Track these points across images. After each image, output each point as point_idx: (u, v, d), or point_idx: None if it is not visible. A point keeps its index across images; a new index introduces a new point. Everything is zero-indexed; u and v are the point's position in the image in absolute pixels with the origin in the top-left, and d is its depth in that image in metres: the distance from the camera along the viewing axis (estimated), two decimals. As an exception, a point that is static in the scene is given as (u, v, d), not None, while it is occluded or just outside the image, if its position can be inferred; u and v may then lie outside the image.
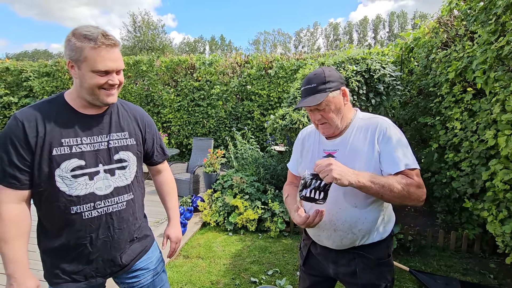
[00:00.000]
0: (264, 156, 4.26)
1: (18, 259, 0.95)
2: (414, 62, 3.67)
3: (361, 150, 1.10)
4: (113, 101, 1.05)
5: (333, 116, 1.13)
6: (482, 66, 2.07)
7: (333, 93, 1.11)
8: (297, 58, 5.82)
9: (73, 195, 1.00)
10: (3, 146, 0.95)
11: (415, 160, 1.08)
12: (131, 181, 1.14)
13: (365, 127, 1.14)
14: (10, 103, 7.64)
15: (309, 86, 1.13)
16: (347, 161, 1.09)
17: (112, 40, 0.97)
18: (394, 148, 1.07)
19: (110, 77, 0.99)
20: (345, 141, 1.15)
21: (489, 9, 2.05)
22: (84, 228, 1.03)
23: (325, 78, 1.11)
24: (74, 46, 0.94)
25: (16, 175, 0.95)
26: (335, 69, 1.17)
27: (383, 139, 1.09)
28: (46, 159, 0.97)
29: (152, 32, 25.40)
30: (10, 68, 7.69)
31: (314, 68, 3.46)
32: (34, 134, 0.96)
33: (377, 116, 1.17)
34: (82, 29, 0.95)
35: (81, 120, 1.04)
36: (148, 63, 6.58)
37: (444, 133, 2.77)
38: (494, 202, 2.08)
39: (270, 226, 3.26)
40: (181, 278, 2.48)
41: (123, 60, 1.31)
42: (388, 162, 1.06)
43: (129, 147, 1.14)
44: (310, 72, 1.16)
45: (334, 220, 1.14)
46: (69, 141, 1.01)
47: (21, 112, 0.98)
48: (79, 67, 0.96)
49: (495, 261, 2.62)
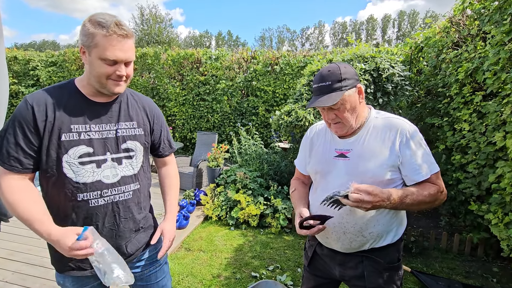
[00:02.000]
0: (268, 152, 4.25)
1: (42, 219, 0.92)
2: (423, 61, 3.62)
3: (377, 152, 1.06)
4: (120, 91, 1.04)
5: (347, 115, 1.07)
6: (494, 67, 2.03)
7: (349, 91, 1.05)
8: (304, 55, 5.78)
9: (80, 182, 1.00)
10: (11, 128, 0.95)
11: (434, 162, 1.06)
12: (137, 171, 1.13)
13: (384, 127, 1.09)
14: (17, 92, 7.72)
15: (323, 84, 1.06)
16: (360, 161, 1.07)
17: (125, 30, 0.96)
18: (418, 154, 1.04)
19: (118, 68, 0.98)
20: (360, 141, 1.11)
21: (504, 9, 2.00)
22: (90, 216, 1.03)
23: (340, 76, 1.04)
24: (88, 31, 0.94)
25: (20, 159, 0.95)
26: (350, 65, 1.12)
27: (406, 143, 1.04)
28: (54, 144, 0.97)
29: (159, 25, 25.38)
30: (18, 57, 7.75)
31: (321, 65, 3.42)
32: (43, 118, 0.96)
33: (397, 118, 1.11)
34: (98, 16, 0.95)
35: (91, 108, 1.04)
36: (154, 56, 6.58)
37: (451, 134, 2.73)
38: (500, 205, 2.05)
39: (271, 222, 3.26)
40: (182, 270, 2.51)
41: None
42: (412, 169, 1.04)
43: (137, 137, 1.13)
44: (323, 67, 1.09)
45: (344, 222, 1.10)
46: (78, 127, 1.00)
47: (32, 95, 0.98)
48: (89, 53, 0.96)
49: (499, 265, 2.60)
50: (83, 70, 1.00)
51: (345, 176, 1.10)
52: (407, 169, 1.05)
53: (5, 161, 0.94)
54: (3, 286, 2.16)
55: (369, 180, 1.05)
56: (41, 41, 62.38)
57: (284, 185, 3.72)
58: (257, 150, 4.22)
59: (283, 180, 3.81)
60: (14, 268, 2.37)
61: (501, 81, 1.99)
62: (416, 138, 1.06)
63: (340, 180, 1.11)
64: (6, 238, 2.78)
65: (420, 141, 1.06)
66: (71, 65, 7.33)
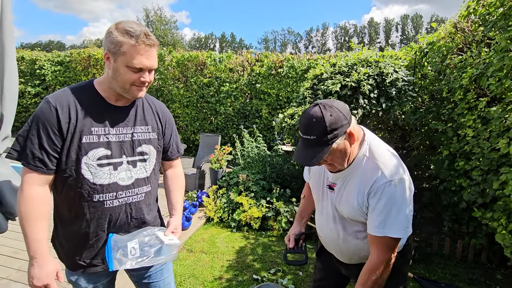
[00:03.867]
0: (271, 155, 4.26)
1: (40, 240, 0.96)
2: (428, 66, 3.62)
3: (351, 197, 1.05)
4: (142, 96, 1.08)
5: (339, 161, 1.02)
6: (498, 73, 2.03)
7: (338, 141, 0.96)
8: (308, 59, 5.79)
9: (97, 184, 1.02)
10: (34, 129, 0.96)
11: (396, 227, 0.98)
12: (149, 174, 1.16)
13: (364, 172, 1.02)
14: (23, 91, 7.81)
15: (308, 138, 0.96)
16: (340, 199, 1.10)
17: (152, 40, 1.00)
18: (381, 210, 0.98)
19: (142, 74, 1.01)
20: (344, 180, 1.09)
21: (509, 15, 2.00)
22: (104, 216, 1.06)
23: (326, 128, 0.93)
24: (116, 39, 0.96)
25: (44, 160, 0.96)
26: (338, 103, 0.98)
27: (374, 196, 0.99)
28: (75, 145, 0.99)
29: (164, 27, 25.60)
30: (25, 57, 7.85)
31: (325, 69, 3.43)
32: (67, 120, 0.97)
33: (383, 162, 1.01)
34: (125, 24, 0.98)
35: (110, 111, 1.06)
36: (159, 57, 6.64)
37: (455, 140, 2.72)
38: (504, 212, 2.04)
39: (273, 225, 3.26)
40: (184, 271, 2.51)
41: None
42: (369, 223, 1.03)
43: (151, 141, 1.16)
44: (307, 110, 0.97)
45: (338, 248, 1.18)
46: (98, 130, 1.03)
47: (54, 96, 1.00)
48: (115, 60, 0.98)
49: (502, 272, 2.58)
50: (88, 71, 1.02)
51: (331, 210, 1.15)
52: (368, 220, 1.04)
53: (30, 162, 0.96)
54: (7, 284, 2.18)
55: (346, 218, 1.10)
56: (46, 41, 63.12)
57: (286, 188, 3.72)
58: (260, 153, 4.23)
59: (286, 183, 3.81)
60: (18, 266, 2.39)
61: (505, 87, 1.99)
62: (389, 193, 0.97)
63: (330, 211, 1.16)
64: (10, 237, 2.80)
65: (394, 199, 0.97)
66: (77, 65, 7.41)
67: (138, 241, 1.05)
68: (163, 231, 1.12)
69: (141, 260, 1.02)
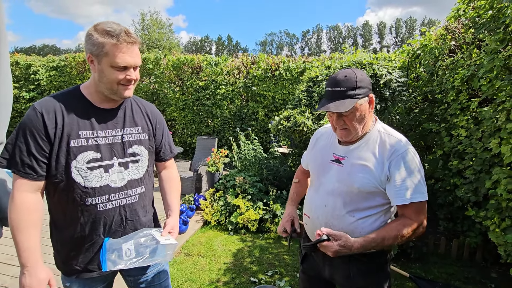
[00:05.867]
0: (267, 157, 4.27)
1: (31, 248, 0.96)
2: (421, 68, 3.67)
3: (369, 166, 1.07)
4: (129, 95, 1.08)
5: (356, 124, 1.07)
6: (488, 74, 2.07)
7: (361, 100, 1.04)
8: (303, 61, 5.83)
9: (88, 187, 1.02)
10: (22, 136, 0.96)
11: (423, 191, 1.04)
12: (143, 175, 1.16)
13: (382, 144, 1.08)
14: (18, 96, 7.74)
15: (337, 89, 1.04)
16: (351, 170, 1.09)
17: (133, 38, 1.00)
18: (405, 178, 1.03)
19: (128, 73, 1.02)
20: (357, 151, 1.11)
21: (498, 18, 2.05)
22: (99, 220, 1.06)
23: (356, 83, 1.03)
24: (96, 41, 0.96)
25: (34, 166, 0.97)
26: (365, 72, 1.12)
27: (396, 165, 1.03)
28: (64, 150, 0.99)
29: (159, 31, 25.60)
30: (19, 62, 7.79)
31: (320, 71, 3.46)
32: (53, 125, 0.98)
33: (398, 138, 1.09)
34: (104, 25, 0.98)
35: (97, 114, 1.06)
36: (155, 61, 6.63)
37: (448, 140, 2.76)
38: (497, 210, 2.07)
39: (271, 227, 3.27)
40: (181, 275, 2.50)
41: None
42: (395, 192, 1.04)
43: (142, 142, 1.17)
44: (339, 71, 1.08)
45: (330, 226, 1.11)
46: (86, 133, 1.03)
47: (40, 103, 1.00)
48: (99, 62, 0.98)
49: (497, 270, 2.60)
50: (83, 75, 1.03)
51: (336, 183, 1.13)
52: (391, 190, 1.05)
53: (20, 169, 0.96)
54: (1, 291, 2.16)
55: (355, 190, 1.08)
56: (41, 45, 62.67)
57: (283, 190, 3.73)
58: (257, 155, 4.24)
59: (282, 185, 3.82)
60: (12, 273, 2.36)
61: (495, 88, 2.03)
62: (409, 162, 1.04)
63: (332, 185, 1.14)
64: (5, 243, 2.77)
65: (413, 166, 1.04)
66: (72, 70, 7.37)
67: (134, 242, 1.04)
68: (159, 232, 1.12)
69: (136, 260, 1.01)
